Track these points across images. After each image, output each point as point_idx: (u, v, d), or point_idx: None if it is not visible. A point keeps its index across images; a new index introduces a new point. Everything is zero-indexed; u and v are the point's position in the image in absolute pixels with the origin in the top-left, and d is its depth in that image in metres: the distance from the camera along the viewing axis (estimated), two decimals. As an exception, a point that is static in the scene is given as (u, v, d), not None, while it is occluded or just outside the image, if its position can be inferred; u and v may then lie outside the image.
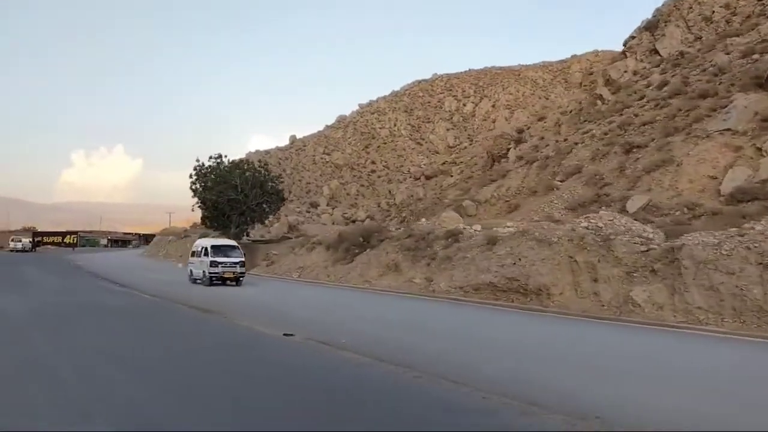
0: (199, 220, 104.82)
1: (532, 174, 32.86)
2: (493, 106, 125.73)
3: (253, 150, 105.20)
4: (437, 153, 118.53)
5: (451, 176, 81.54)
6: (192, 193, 39.72)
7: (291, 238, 41.78)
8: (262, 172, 39.48)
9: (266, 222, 46.05)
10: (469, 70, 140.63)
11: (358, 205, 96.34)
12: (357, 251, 27.10)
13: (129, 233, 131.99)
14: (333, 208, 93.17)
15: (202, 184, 38.52)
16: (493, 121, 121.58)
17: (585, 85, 50.14)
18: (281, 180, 41.85)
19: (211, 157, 39.00)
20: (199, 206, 40.59)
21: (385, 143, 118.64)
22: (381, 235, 26.34)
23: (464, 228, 22.84)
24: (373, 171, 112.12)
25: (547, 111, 51.25)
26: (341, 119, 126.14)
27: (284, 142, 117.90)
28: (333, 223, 79.88)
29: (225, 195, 36.56)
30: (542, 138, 45.82)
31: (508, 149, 46.31)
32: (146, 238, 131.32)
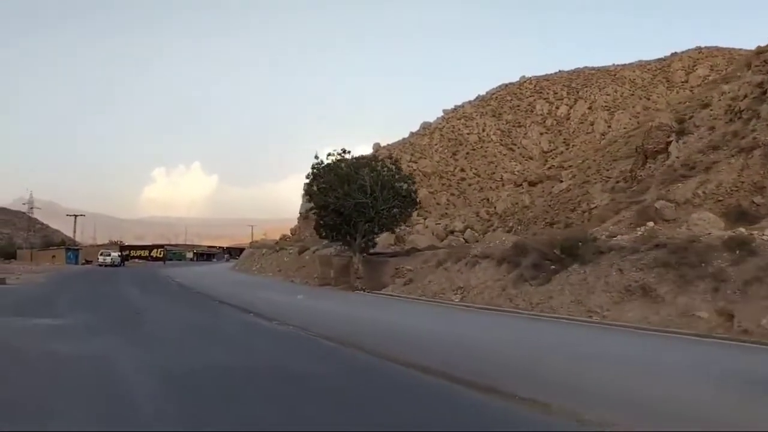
0: (289, 232, 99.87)
1: (755, 165, 24.93)
2: (590, 108, 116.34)
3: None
4: (531, 159, 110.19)
5: (561, 181, 73.13)
6: (307, 197, 33.49)
7: (418, 251, 34.89)
8: (393, 169, 32.79)
9: (396, 231, 39.11)
10: (560, 71, 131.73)
11: (451, 214, 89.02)
12: (554, 267, 19.84)
13: (213, 246, 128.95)
14: (424, 219, 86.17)
15: (321, 185, 32.05)
16: (591, 124, 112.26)
17: (757, 66, 41.11)
18: (413, 180, 34.72)
19: (330, 154, 32.72)
20: (313, 213, 34.26)
21: (474, 149, 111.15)
22: (595, 246, 18.94)
23: (755, 236, 15.31)
24: (463, 179, 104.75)
25: (710, 99, 42.46)
26: (426, 126, 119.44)
27: (365, 150, 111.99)
28: (433, 234, 72.96)
29: (351, 198, 29.95)
30: (712, 128, 37.38)
31: (668, 143, 38.02)
32: (229, 252, 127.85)
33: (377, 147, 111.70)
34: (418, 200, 33.78)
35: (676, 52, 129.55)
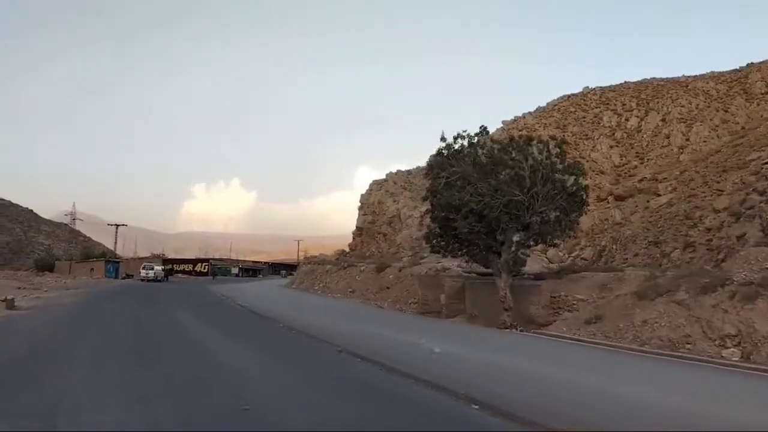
0: (347, 247, 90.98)
1: None
2: (663, 120, 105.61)
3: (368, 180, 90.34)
4: (602, 173, 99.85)
5: (659, 195, 63.06)
6: (429, 195, 24.18)
7: (575, 272, 25.46)
8: (556, 153, 23.22)
9: (558, 242, 28.54)
10: (625, 82, 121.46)
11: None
12: None
13: (257, 262, 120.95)
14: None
15: (445, 178, 22.70)
16: (667, 137, 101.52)
17: None
18: (582, 170, 24.85)
19: (460, 136, 23.33)
20: (429, 214, 25.01)
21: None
22: None
23: None
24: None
25: None
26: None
27: (401, 167, 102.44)
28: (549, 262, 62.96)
29: (501, 195, 20.56)
30: None
31: None
32: (273, 267, 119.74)
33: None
34: (586, 200, 24.02)
35: (752, 63, 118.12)
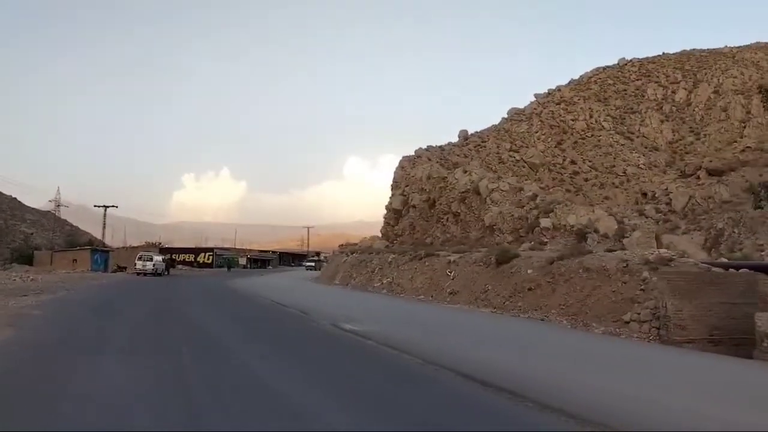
0: (380, 234, 77.25)
1: None
2: (716, 92, 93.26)
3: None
4: (656, 149, 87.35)
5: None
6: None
7: None
8: None
9: None
10: (664, 53, 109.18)
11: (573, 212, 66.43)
12: None
13: (264, 251, 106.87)
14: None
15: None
16: (724, 110, 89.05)
17: None
18: None
19: None
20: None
21: (582, 138, 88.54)
22: None
23: None
24: (576, 172, 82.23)
25: None
26: (517, 111, 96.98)
27: (446, 140, 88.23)
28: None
29: None
30: None
31: None
32: (280, 257, 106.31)
33: (465, 134, 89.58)
34: None
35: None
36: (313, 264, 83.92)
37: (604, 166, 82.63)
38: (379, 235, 62.44)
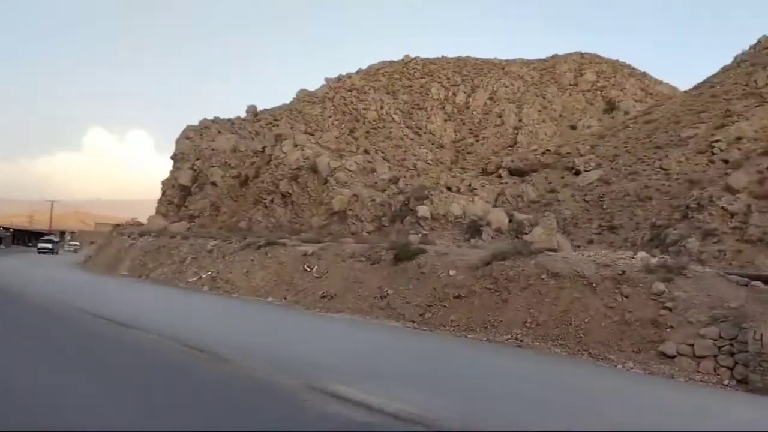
0: (155, 213, 63.20)
1: None
2: (491, 98, 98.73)
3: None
4: (442, 147, 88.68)
5: (578, 171, 53.15)
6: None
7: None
8: None
9: None
10: (443, 56, 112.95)
11: (454, 200, 63.33)
12: None
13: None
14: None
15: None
16: (499, 116, 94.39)
17: None
18: None
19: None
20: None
21: (375, 128, 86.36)
22: None
23: None
24: (369, 162, 79.27)
25: None
26: (308, 94, 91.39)
27: (232, 113, 77.93)
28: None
29: None
30: None
31: None
32: (14, 236, 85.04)
33: (254, 110, 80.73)
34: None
35: (557, 54, 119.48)
36: (50, 246, 62.71)
37: (396, 158, 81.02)
38: (161, 215, 51.14)
